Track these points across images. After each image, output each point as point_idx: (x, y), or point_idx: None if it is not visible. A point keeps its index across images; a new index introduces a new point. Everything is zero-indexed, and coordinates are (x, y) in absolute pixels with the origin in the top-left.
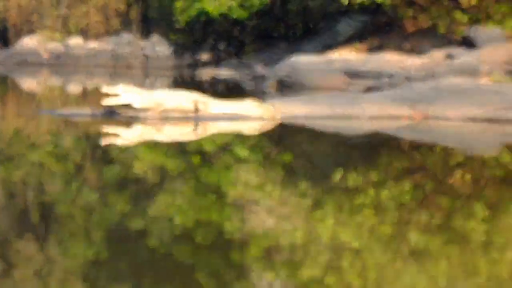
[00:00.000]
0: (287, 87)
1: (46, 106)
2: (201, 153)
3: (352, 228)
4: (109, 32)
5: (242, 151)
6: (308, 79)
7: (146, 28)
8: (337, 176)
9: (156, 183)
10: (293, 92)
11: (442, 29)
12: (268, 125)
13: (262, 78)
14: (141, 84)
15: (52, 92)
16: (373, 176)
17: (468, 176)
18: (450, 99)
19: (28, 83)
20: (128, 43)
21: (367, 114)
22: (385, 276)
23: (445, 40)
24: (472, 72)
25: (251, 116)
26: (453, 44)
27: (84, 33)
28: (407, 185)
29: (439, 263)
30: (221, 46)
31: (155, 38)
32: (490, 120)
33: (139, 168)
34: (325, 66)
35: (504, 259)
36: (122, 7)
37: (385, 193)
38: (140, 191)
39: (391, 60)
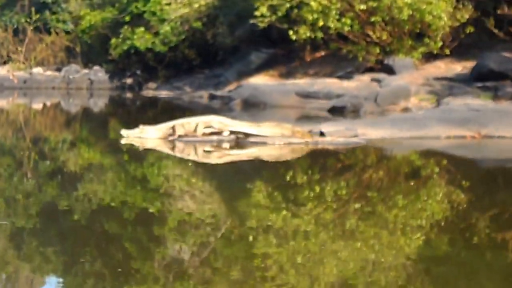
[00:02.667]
0: (250, 105)
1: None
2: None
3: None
4: (57, 63)
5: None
6: (269, 99)
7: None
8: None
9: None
10: (256, 110)
11: (360, 59)
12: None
13: (225, 98)
14: (87, 102)
15: (18, 108)
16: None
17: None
18: (497, 120)
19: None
20: (76, 71)
21: (441, 135)
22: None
23: (341, 67)
24: (405, 92)
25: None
26: (350, 70)
27: (40, 64)
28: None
29: None
30: (140, 72)
31: (96, 66)
32: None
33: None
34: (281, 88)
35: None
36: (66, 43)
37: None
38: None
39: (330, 83)
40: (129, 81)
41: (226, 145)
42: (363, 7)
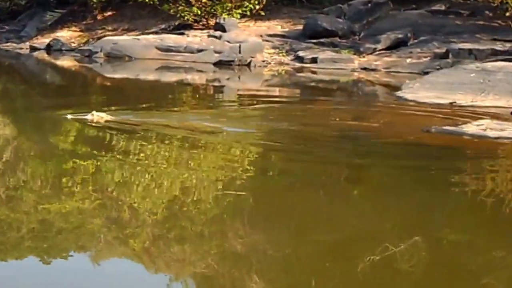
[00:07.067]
0: (114, 58)
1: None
2: None
3: None
4: None
5: None
6: (133, 52)
7: None
8: None
9: None
10: (119, 61)
11: (185, 18)
12: None
13: (85, 51)
14: None
15: None
16: None
17: None
18: None
19: None
20: None
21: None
22: None
23: (142, 24)
24: (259, 47)
25: None
26: (164, 27)
27: None
28: None
29: None
30: None
31: None
32: None
33: None
34: (137, 43)
35: None
36: None
37: None
38: None
39: (177, 38)
40: None
41: None
42: None
